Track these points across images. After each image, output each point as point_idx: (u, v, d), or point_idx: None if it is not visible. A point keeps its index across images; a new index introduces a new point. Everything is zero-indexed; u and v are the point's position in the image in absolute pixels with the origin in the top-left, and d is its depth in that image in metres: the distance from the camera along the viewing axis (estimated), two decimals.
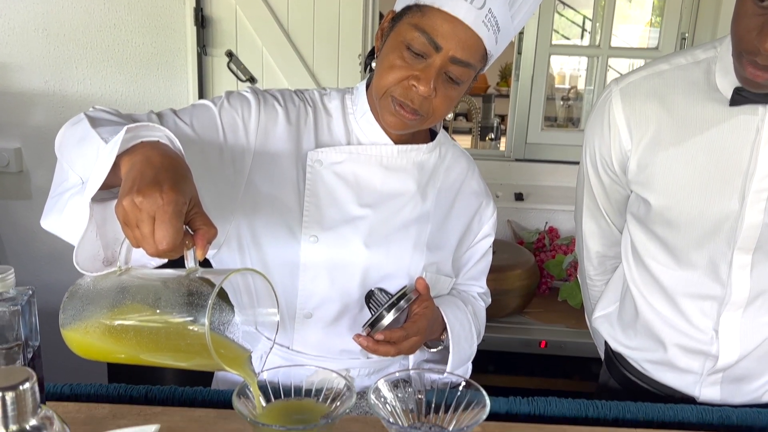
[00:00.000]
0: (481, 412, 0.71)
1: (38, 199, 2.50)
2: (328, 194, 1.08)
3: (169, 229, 0.68)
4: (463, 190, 1.21)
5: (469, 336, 1.18)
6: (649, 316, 1.22)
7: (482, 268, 1.29)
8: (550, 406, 1.09)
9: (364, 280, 1.09)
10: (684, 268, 1.15)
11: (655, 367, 1.25)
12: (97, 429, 0.96)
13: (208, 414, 1.01)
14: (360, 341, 1.02)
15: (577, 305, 2.16)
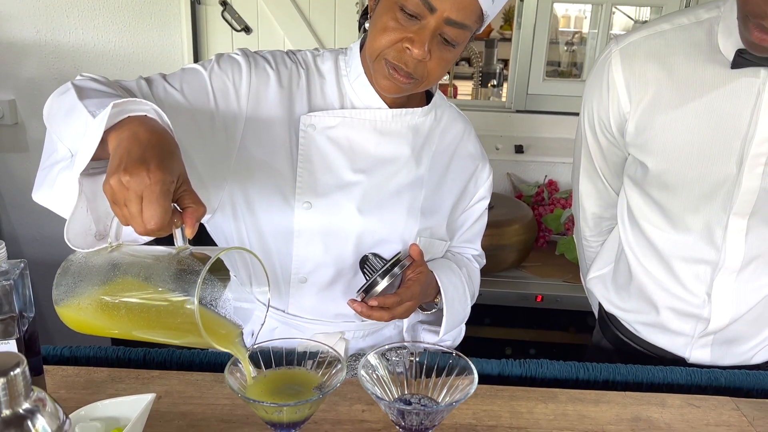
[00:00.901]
0: (469, 386, 0.72)
1: (35, 151, 2.49)
2: (322, 159, 1.07)
3: (156, 209, 0.68)
4: (458, 152, 1.19)
5: (463, 299, 1.19)
6: (642, 279, 1.23)
7: (477, 231, 1.29)
8: (542, 368, 1.11)
9: (358, 245, 1.10)
10: (679, 231, 1.15)
11: (647, 329, 1.27)
12: (96, 392, 0.98)
13: (205, 378, 1.03)
14: (354, 307, 1.03)
15: (574, 259, 2.16)
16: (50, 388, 0.98)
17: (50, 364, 1.07)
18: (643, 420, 0.98)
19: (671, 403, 1.02)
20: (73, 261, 0.75)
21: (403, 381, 0.78)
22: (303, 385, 0.75)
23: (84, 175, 0.75)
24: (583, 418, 0.98)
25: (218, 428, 0.92)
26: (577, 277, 2.09)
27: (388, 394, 0.75)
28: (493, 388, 1.04)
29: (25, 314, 0.81)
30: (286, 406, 0.68)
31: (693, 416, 1.00)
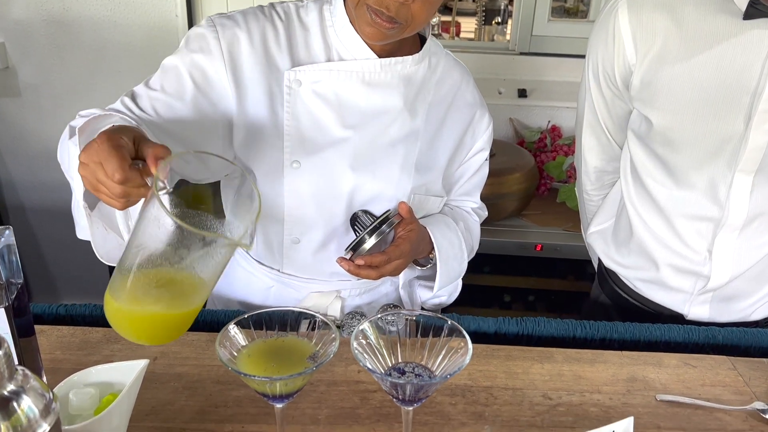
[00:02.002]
0: (464, 356, 0.72)
1: (27, 96, 2.43)
2: (309, 117, 1.03)
3: (112, 160, 0.69)
4: (455, 103, 1.14)
5: (459, 254, 1.17)
6: (643, 235, 1.21)
7: (476, 183, 1.25)
8: (539, 326, 1.11)
9: (350, 203, 1.07)
10: (682, 188, 1.13)
11: (646, 286, 1.26)
12: (91, 353, 0.98)
13: (200, 338, 1.03)
14: (342, 265, 1.02)
15: (575, 207, 2.14)
16: (45, 348, 0.98)
17: (45, 324, 1.07)
18: (639, 380, 0.98)
19: (668, 363, 1.02)
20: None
21: (396, 348, 0.77)
22: (296, 354, 0.74)
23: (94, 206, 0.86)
24: (579, 379, 0.98)
25: (213, 390, 0.92)
26: (577, 226, 2.07)
27: (382, 364, 0.74)
28: (489, 347, 1.04)
29: (12, 281, 0.80)
30: (278, 380, 0.67)
31: (689, 376, 1.00)
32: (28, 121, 2.50)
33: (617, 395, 0.95)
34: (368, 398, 0.91)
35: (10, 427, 0.55)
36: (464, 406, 0.91)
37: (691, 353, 1.08)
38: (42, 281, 2.82)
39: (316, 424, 0.87)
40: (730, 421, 0.91)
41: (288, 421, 0.86)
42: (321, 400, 0.91)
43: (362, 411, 0.89)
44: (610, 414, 0.91)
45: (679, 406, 0.93)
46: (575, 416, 0.90)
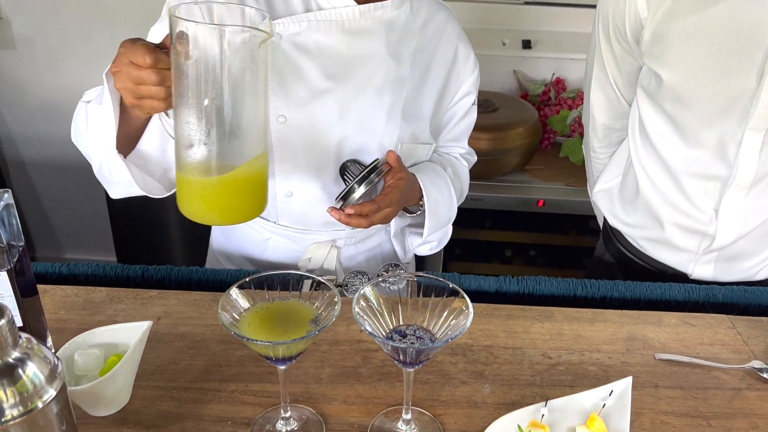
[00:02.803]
0: (465, 320, 0.72)
1: (22, 48, 2.39)
2: (292, 69, 1.01)
3: (138, 49, 0.75)
4: (439, 47, 1.12)
5: (448, 200, 1.18)
6: (649, 194, 1.20)
7: (464, 128, 1.24)
8: (539, 285, 1.11)
9: (339, 155, 1.07)
10: (691, 146, 1.11)
11: (651, 245, 1.25)
12: (95, 313, 0.99)
13: (204, 297, 1.03)
14: (333, 214, 1.03)
15: (578, 162, 2.13)
16: (49, 309, 0.99)
17: (48, 284, 1.07)
18: (639, 339, 0.99)
19: (667, 322, 1.03)
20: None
21: (398, 310, 0.77)
22: (298, 317, 0.75)
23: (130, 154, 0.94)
24: (578, 338, 0.99)
25: (217, 349, 0.93)
26: (579, 181, 2.06)
27: (384, 326, 0.75)
28: (489, 306, 1.04)
29: (13, 244, 0.79)
30: (280, 344, 0.67)
31: (688, 335, 1.00)
32: (23, 74, 2.46)
33: (616, 354, 0.96)
34: (370, 357, 0.92)
35: (16, 393, 0.55)
36: (465, 365, 0.92)
37: (692, 312, 1.09)
38: (44, 236, 2.83)
39: (318, 383, 0.88)
40: (728, 379, 0.92)
41: (291, 380, 0.88)
42: (323, 359, 0.92)
43: (364, 370, 0.90)
44: (609, 373, 0.92)
45: (677, 365, 0.94)
46: (574, 375, 0.91)
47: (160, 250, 2.21)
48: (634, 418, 0.83)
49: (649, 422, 0.84)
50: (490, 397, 0.87)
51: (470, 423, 0.83)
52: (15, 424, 0.55)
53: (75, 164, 2.63)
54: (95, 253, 2.83)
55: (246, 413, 0.83)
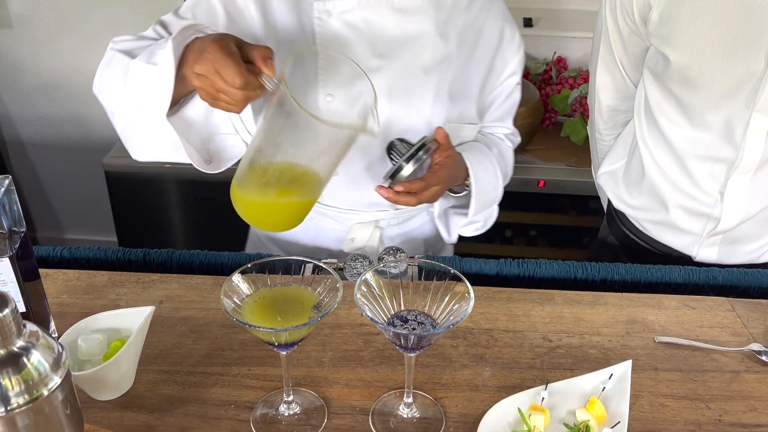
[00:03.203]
0: (466, 306, 0.72)
1: (19, 27, 2.37)
2: (341, 47, 1.02)
3: (230, 67, 0.74)
4: (486, 27, 1.12)
5: (494, 180, 1.18)
6: (655, 176, 1.20)
7: (508, 108, 1.24)
8: (540, 268, 1.11)
9: (386, 134, 1.08)
10: (697, 128, 1.11)
11: (656, 227, 1.26)
12: (97, 297, 1.00)
13: (205, 281, 1.04)
14: (381, 192, 1.03)
15: (579, 141, 2.12)
16: (52, 293, 0.99)
17: (51, 267, 1.07)
18: (639, 322, 0.99)
19: (667, 305, 1.03)
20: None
21: (399, 295, 0.77)
22: (300, 303, 0.75)
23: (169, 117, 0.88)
24: (578, 321, 0.99)
25: (219, 333, 0.93)
26: (580, 161, 2.06)
27: (385, 311, 0.75)
28: (490, 290, 1.05)
29: (15, 230, 0.79)
30: (282, 331, 0.68)
31: (688, 318, 1.01)
32: (21, 54, 2.44)
33: (616, 337, 0.96)
34: (371, 341, 0.93)
35: (21, 382, 0.56)
36: (465, 348, 0.93)
37: (692, 294, 1.10)
38: (45, 216, 2.83)
39: (320, 367, 0.89)
40: (727, 362, 0.92)
41: (293, 364, 0.88)
42: (325, 342, 0.93)
43: (366, 353, 0.91)
44: (609, 356, 0.92)
45: (676, 348, 0.95)
46: (574, 358, 0.92)
47: (160, 230, 2.22)
48: (633, 401, 0.84)
49: (648, 405, 0.85)
50: (491, 380, 0.88)
51: (471, 406, 0.83)
52: (21, 412, 0.56)
53: (74, 144, 2.62)
54: (96, 233, 2.84)
55: (249, 397, 0.83)
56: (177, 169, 2.07)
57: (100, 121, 2.55)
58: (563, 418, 0.81)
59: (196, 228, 2.19)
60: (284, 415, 0.81)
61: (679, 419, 0.83)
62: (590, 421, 0.79)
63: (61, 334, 0.84)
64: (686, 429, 0.81)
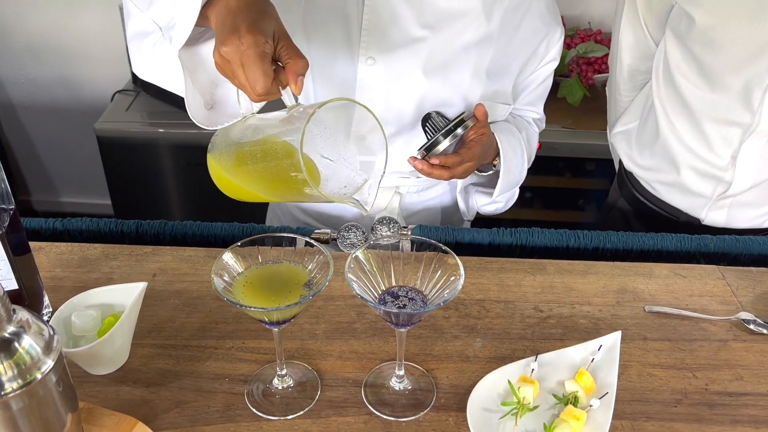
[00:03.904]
0: (456, 282, 0.73)
1: None
2: (389, 12, 1.01)
3: (256, 72, 0.69)
4: (530, 10, 1.11)
5: (520, 163, 1.18)
6: (668, 137, 1.22)
7: (541, 93, 1.24)
8: (533, 237, 1.12)
9: (420, 104, 1.07)
10: (716, 91, 1.12)
11: (666, 189, 1.28)
12: (91, 270, 1.00)
13: (198, 253, 1.04)
14: (415, 164, 1.03)
15: (576, 102, 2.10)
16: (45, 267, 0.99)
17: (43, 240, 1.07)
18: (629, 291, 1.00)
19: (658, 273, 1.04)
20: (218, 132, 0.81)
21: (390, 271, 0.78)
22: (291, 281, 0.75)
23: (183, 48, 0.78)
24: (569, 291, 1.00)
25: (213, 306, 0.94)
26: (576, 123, 2.04)
27: (376, 288, 0.76)
28: (482, 260, 1.05)
29: (4, 208, 0.79)
30: (274, 311, 0.68)
31: (678, 287, 1.02)
32: (7, 15, 2.39)
33: (607, 307, 0.97)
34: (364, 313, 0.94)
35: (14, 366, 0.56)
36: (457, 319, 0.94)
37: (683, 262, 1.10)
38: (39, 179, 2.82)
39: (314, 339, 0.90)
40: (715, 331, 0.94)
41: (286, 337, 0.89)
42: (318, 315, 0.93)
43: (358, 325, 0.92)
44: (599, 326, 0.94)
45: (666, 317, 0.96)
46: (564, 328, 0.93)
47: (155, 194, 2.21)
48: (621, 371, 0.86)
49: (636, 375, 0.86)
50: (482, 351, 0.89)
51: (462, 377, 0.85)
52: (15, 396, 0.56)
53: (65, 107, 2.59)
54: (91, 196, 2.83)
55: (243, 370, 0.85)
56: (170, 134, 2.06)
57: (91, 84, 2.52)
58: (552, 389, 0.83)
59: (190, 192, 2.19)
60: (278, 388, 0.82)
61: (666, 388, 0.84)
62: (579, 392, 0.80)
63: (55, 308, 0.85)
64: (673, 398, 0.83)
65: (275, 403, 0.80)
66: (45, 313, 0.89)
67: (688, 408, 0.82)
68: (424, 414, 0.80)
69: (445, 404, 0.81)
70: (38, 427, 0.60)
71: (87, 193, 2.83)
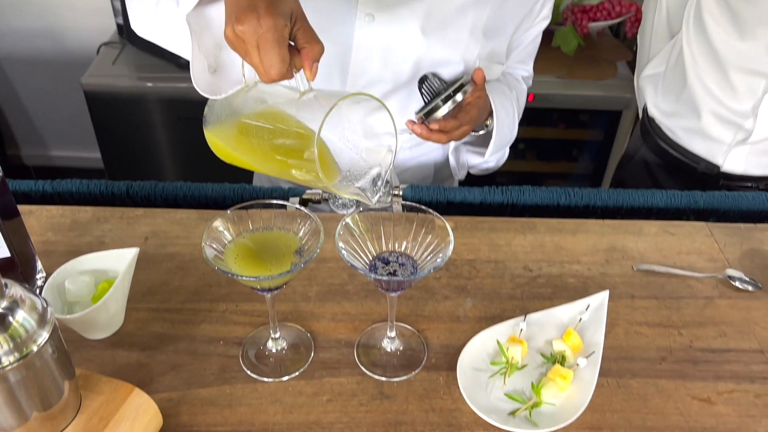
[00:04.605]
0: (446, 246, 0.73)
1: None
2: None
3: (274, 58, 0.66)
4: None
5: (511, 123, 1.19)
6: (694, 83, 1.24)
7: (531, 51, 1.23)
8: (524, 195, 1.12)
9: (417, 64, 1.06)
10: (746, 40, 1.14)
11: (687, 134, 1.30)
12: (82, 234, 1.00)
13: (190, 215, 1.04)
14: (414, 129, 1.04)
15: (570, 52, 2.07)
16: (37, 231, 1.00)
17: (33, 204, 1.07)
18: (618, 250, 1.01)
19: (647, 231, 1.05)
20: (216, 100, 0.77)
21: (380, 231, 0.78)
22: (282, 248, 0.75)
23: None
24: (559, 250, 1.01)
25: (206, 269, 0.95)
26: (571, 73, 2.02)
27: (367, 253, 0.76)
28: (473, 220, 1.06)
29: None
30: (265, 279, 0.69)
31: (667, 244, 1.03)
32: None
33: (596, 265, 0.98)
34: (356, 275, 0.95)
35: (9, 340, 0.57)
36: (448, 280, 0.95)
37: (673, 219, 1.11)
38: (29, 134, 2.79)
39: (306, 301, 0.91)
40: (701, 288, 0.95)
41: (279, 299, 0.90)
42: (311, 277, 0.94)
43: (351, 287, 0.93)
44: (588, 285, 0.95)
45: (654, 275, 0.97)
46: (554, 287, 0.94)
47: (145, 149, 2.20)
48: (609, 329, 0.87)
49: (623, 333, 0.88)
50: (472, 311, 0.90)
51: (452, 337, 0.86)
52: (12, 369, 0.57)
53: (50, 60, 2.54)
54: (82, 150, 2.81)
55: (237, 332, 0.86)
56: (159, 89, 2.03)
57: (75, 35, 2.46)
58: (540, 348, 0.85)
59: (181, 147, 2.17)
60: (272, 350, 0.83)
61: (652, 346, 0.86)
62: (566, 352, 0.82)
63: (48, 273, 0.85)
64: (658, 355, 0.85)
65: (269, 365, 0.82)
66: (39, 278, 0.89)
67: (673, 365, 0.84)
68: (415, 374, 0.82)
69: (436, 364, 0.83)
70: (36, 397, 0.61)
71: (77, 147, 2.81)
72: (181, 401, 0.77)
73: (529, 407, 0.76)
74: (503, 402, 0.78)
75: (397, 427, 0.75)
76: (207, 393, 0.78)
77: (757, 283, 0.95)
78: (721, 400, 0.79)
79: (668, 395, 0.80)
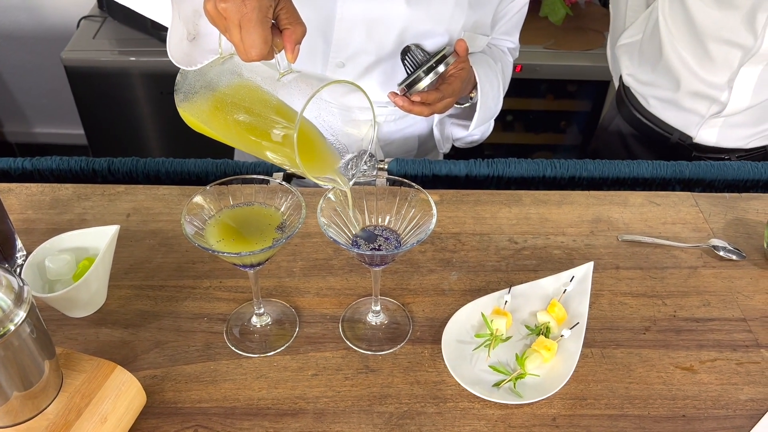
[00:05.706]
0: (429, 222, 0.73)
1: None
2: None
3: (256, 39, 0.64)
4: None
5: (496, 95, 1.17)
6: (670, 53, 1.23)
7: (516, 22, 1.21)
8: (509, 168, 1.11)
9: (402, 35, 1.05)
10: (723, 8, 1.12)
11: (662, 105, 1.30)
12: (63, 212, 0.99)
13: (172, 192, 1.03)
14: (396, 101, 1.02)
15: (558, 21, 2.05)
16: (17, 209, 0.98)
17: (13, 181, 1.05)
18: (603, 221, 1.01)
19: (633, 202, 1.05)
20: (189, 71, 0.73)
21: (364, 207, 0.78)
22: (264, 223, 0.75)
23: None
24: (545, 222, 1.01)
25: (189, 246, 0.94)
26: (558, 43, 2.00)
27: (350, 229, 0.76)
28: (459, 193, 1.05)
29: None
30: (247, 255, 0.68)
31: (652, 215, 1.03)
32: None
33: (581, 237, 0.98)
34: (341, 249, 0.94)
35: None
36: (433, 253, 0.95)
37: (658, 189, 1.11)
38: (11, 110, 2.74)
39: (291, 277, 0.90)
40: (686, 258, 0.95)
41: (264, 275, 0.90)
42: (295, 252, 0.94)
43: (335, 262, 0.93)
44: (573, 256, 0.95)
45: (639, 246, 0.97)
46: (539, 259, 0.94)
47: (127, 124, 2.17)
48: (593, 300, 0.88)
49: (607, 303, 0.88)
50: (457, 284, 0.90)
51: (437, 310, 0.86)
52: None
53: (30, 34, 2.48)
54: (65, 126, 2.77)
55: (221, 309, 0.85)
56: (140, 63, 1.99)
57: (55, 8, 2.41)
58: (525, 320, 0.85)
59: (164, 122, 2.14)
60: (256, 326, 0.83)
61: (636, 316, 0.87)
62: (550, 323, 0.83)
63: (29, 251, 0.84)
64: (642, 325, 0.85)
65: (254, 341, 0.81)
66: (19, 257, 0.88)
67: (656, 334, 0.84)
68: (400, 347, 0.82)
69: (421, 337, 0.83)
70: (16, 377, 0.60)
71: (60, 123, 2.77)
72: (165, 378, 0.77)
73: (514, 378, 0.77)
74: (488, 374, 0.78)
75: (382, 400, 0.75)
76: (191, 370, 0.78)
77: (741, 252, 0.95)
78: (704, 369, 0.80)
79: (652, 365, 0.80)
